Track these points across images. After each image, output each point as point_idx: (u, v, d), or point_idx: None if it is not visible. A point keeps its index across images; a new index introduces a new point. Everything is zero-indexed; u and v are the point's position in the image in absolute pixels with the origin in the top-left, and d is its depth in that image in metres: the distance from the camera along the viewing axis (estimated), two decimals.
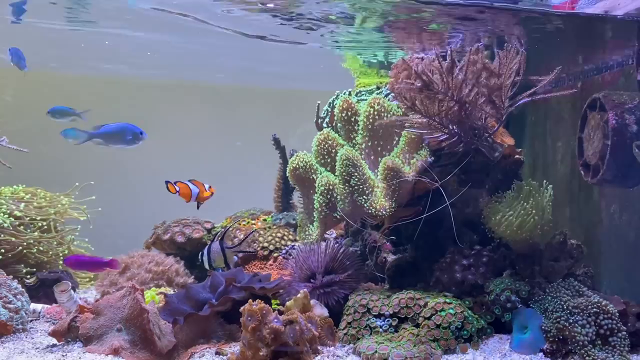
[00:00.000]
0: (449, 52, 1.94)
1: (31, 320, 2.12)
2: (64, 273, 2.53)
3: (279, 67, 4.02)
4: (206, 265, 2.24)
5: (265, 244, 2.61)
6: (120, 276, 2.46)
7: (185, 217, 2.76)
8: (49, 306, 2.30)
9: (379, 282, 2.29)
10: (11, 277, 2.15)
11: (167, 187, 2.16)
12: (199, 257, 2.29)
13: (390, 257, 2.26)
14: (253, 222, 2.75)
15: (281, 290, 2.09)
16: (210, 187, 2.24)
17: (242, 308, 1.61)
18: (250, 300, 1.62)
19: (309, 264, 2.05)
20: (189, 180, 2.21)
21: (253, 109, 4.35)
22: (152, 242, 2.71)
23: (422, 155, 2.01)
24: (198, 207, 2.25)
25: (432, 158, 2.02)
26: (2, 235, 2.42)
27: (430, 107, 1.98)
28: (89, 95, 3.28)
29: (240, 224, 2.74)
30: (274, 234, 2.65)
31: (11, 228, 2.46)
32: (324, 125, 2.64)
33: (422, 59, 2.20)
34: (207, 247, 2.28)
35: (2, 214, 2.46)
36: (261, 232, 2.67)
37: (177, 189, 2.16)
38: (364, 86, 2.74)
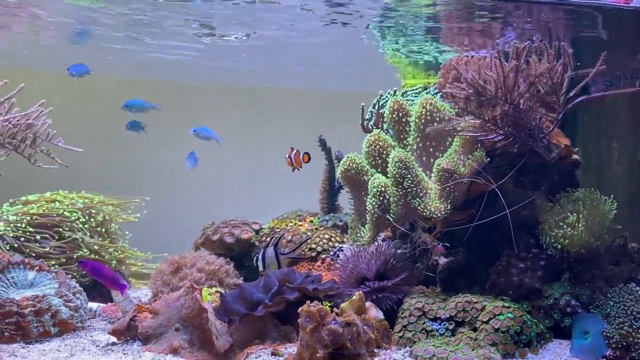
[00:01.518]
0: (496, 52, 1.91)
1: (88, 319, 2.17)
2: (118, 272, 2.58)
3: (317, 68, 4.04)
4: (260, 269, 2.27)
5: (313, 245, 2.62)
6: (173, 276, 2.49)
7: (234, 218, 2.78)
8: (104, 305, 2.36)
9: (429, 285, 2.27)
10: (70, 276, 2.21)
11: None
12: (254, 262, 2.32)
13: (442, 260, 2.24)
14: (300, 223, 2.76)
15: (331, 292, 2.09)
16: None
17: (300, 309, 1.61)
18: (307, 302, 1.62)
19: (360, 267, 2.04)
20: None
21: (291, 110, 4.37)
22: (202, 243, 2.74)
23: (477, 156, 1.97)
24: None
25: (488, 159, 1.99)
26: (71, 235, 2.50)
27: (483, 109, 1.95)
28: (136, 97, 3.33)
29: (287, 225, 2.75)
30: (321, 236, 2.65)
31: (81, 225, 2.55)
32: (369, 126, 2.63)
33: (472, 57, 2.18)
34: (262, 251, 2.30)
35: (75, 213, 2.54)
36: (308, 233, 2.68)
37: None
38: (410, 87, 2.72)
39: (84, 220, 2.62)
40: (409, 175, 1.93)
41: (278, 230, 2.73)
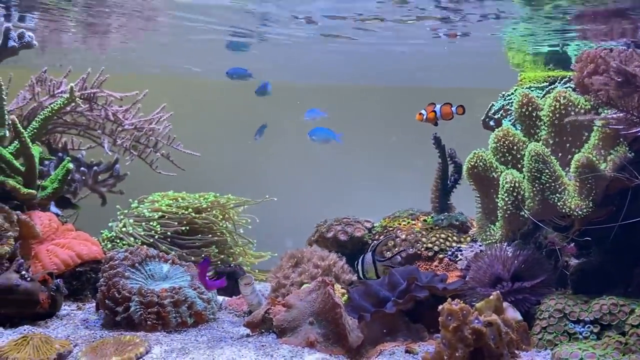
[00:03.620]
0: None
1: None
2: (237, 267, 2.67)
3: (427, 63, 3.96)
4: (360, 275, 2.27)
5: (429, 245, 2.58)
6: (292, 271, 2.54)
7: (346, 216, 2.80)
8: (228, 298, 2.44)
9: (558, 288, 2.16)
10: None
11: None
12: (355, 266, 2.32)
13: (573, 261, 2.13)
14: (413, 222, 2.73)
15: (460, 292, 2.04)
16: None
17: (440, 307, 1.58)
18: (449, 299, 1.59)
19: (495, 267, 1.97)
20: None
21: (400, 107, 4.32)
22: (315, 240, 2.78)
23: (620, 151, 1.86)
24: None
25: (632, 154, 1.87)
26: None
27: (628, 101, 1.84)
28: (255, 99, 3.42)
29: (399, 224, 2.73)
30: (437, 235, 2.61)
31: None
32: (491, 123, 2.56)
33: (611, 50, 2.05)
34: (361, 257, 2.29)
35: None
36: (423, 232, 2.64)
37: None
38: (531, 80, 2.62)
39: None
40: (547, 170, 1.85)
41: (391, 228, 2.71)
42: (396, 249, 2.59)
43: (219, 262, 2.74)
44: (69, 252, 2.29)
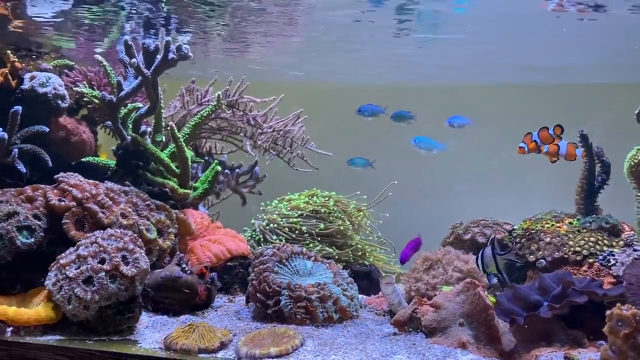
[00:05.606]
0: None
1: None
2: (372, 267, 2.70)
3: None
4: (480, 270, 2.20)
5: (577, 249, 2.43)
6: (426, 273, 2.52)
7: (484, 218, 2.73)
8: (366, 297, 2.47)
9: None
10: (340, 267, 2.36)
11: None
12: (476, 261, 2.26)
13: None
14: (557, 225, 2.59)
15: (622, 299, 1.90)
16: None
17: (609, 312, 1.49)
18: (618, 305, 1.50)
19: None
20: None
21: (532, 106, 4.15)
22: (450, 242, 2.73)
23: None
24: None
25: None
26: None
27: None
28: (382, 101, 3.46)
29: (542, 226, 2.61)
30: (586, 238, 2.45)
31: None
32: None
33: None
34: (480, 251, 2.23)
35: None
36: (570, 235, 2.50)
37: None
38: None
39: (340, 214, 2.80)
40: None
41: (533, 231, 2.60)
42: (540, 252, 2.48)
43: (350, 260, 2.79)
44: (220, 247, 2.46)
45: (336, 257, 2.65)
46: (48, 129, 2.42)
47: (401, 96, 3.33)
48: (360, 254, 2.76)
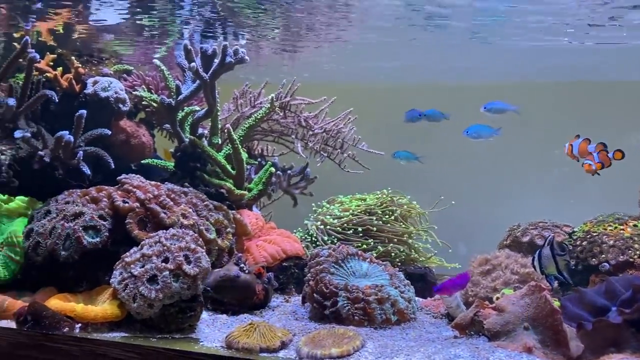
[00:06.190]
0: None
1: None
2: (427, 269, 2.67)
3: None
4: (537, 271, 2.13)
5: None
6: (483, 277, 2.48)
7: (542, 220, 2.66)
8: (422, 299, 2.45)
9: None
10: (397, 269, 2.35)
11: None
12: (530, 262, 2.20)
13: None
14: (621, 227, 2.50)
15: None
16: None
17: None
18: None
19: None
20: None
21: (586, 105, 4.02)
22: (507, 245, 2.68)
23: None
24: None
25: None
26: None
27: None
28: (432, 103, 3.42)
29: (605, 229, 2.52)
30: None
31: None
32: None
33: None
34: (537, 252, 2.16)
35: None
36: (635, 238, 2.41)
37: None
38: None
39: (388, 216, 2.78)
40: None
41: (595, 234, 2.52)
42: (603, 256, 2.40)
43: (400, 262, 2.76)
44: (275, 247, 2.48)
45: (392, 254, 2.64)
46: (110, 132, 2.49)
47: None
48: (413, 255, 2.73)
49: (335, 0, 2.52)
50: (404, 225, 2.80)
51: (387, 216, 2.77)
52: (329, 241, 2.71)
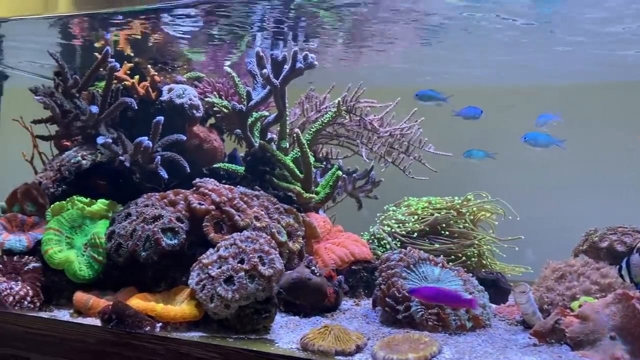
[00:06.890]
0: None
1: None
2: (499, 274, 2.61)
3: None
4: (626, 280, 2.02)
5: None
6: (558, 283, 2.40)
7: (622, 225, 2.55)
8: (495, 305, 2.39)
9: None
10: (470, 274, 2.31)
11: None
12: (617, 271, 2.09)
13: None
14: None
15: None
16: None
17: None
18: None
19: None
20: None
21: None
22: (584, 250, 2.58)
23: None
24: None
25: None
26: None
27: None
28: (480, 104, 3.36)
29: None
30: None
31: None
32: None
33: None
34: (626, 259, 2.05)
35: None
36: None
37: None
38: None
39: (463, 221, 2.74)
40: None
41: None
42: None
43: (472, 267, 2.71)
44: (344, 250, 2.49)
45: (461, 256, 2.60)
46: (185, 137, 2.57)
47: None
48: (484, 261, 2.68)
49: None
50: (475, 231, 2.75)
51: (461, 221, 2.74)
52: (396, 244, 2.69)
